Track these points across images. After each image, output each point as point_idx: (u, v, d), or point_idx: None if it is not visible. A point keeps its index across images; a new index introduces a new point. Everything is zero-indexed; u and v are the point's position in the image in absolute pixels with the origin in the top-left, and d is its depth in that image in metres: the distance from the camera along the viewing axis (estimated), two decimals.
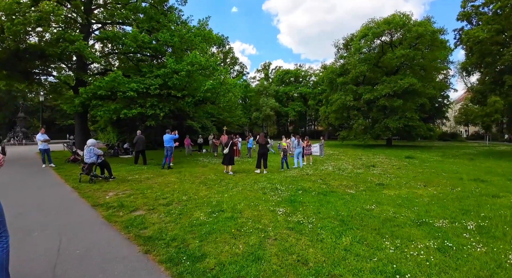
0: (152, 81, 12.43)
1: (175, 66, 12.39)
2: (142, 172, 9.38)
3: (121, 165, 11.69)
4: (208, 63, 13.31)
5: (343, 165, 12.37)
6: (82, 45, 11.89)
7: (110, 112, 12.07)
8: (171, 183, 7.29)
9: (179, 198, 5.51)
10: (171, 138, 10.75)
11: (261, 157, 9.63)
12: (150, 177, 8.29)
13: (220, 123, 29.66)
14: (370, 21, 30.97)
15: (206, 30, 16.88)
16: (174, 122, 25.23)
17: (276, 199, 5.48)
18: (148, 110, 12.51)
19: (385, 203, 5.69)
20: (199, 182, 7.43)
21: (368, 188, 7.27)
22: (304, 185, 7.30)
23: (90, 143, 7.64)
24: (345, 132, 29.47)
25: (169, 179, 7.90)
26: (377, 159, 15.39)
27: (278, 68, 61.40)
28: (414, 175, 9.67)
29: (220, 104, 14.15)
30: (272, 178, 8.29)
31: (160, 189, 6.50)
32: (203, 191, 6.29)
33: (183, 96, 13.22)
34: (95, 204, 5.28)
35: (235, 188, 6.61)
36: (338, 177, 9.01)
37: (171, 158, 10.88)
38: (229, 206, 4.87)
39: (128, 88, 11.88)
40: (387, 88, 25.43)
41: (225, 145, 9.53)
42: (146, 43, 13.67)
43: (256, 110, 50.61)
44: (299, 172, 10.03)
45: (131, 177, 8.31)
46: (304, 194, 6.10)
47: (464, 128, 64.79)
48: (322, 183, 7.78)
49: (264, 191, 6.28)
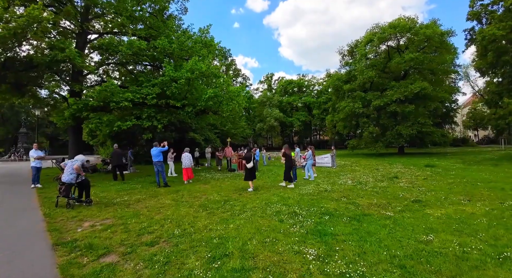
0: (149, 91, 11.38)
1: (173, 74, 11.36)
2: (133, 192, 8.09)
3: (114, 183, 10.46)
4: (210, 70, 12.27)
5: (362, 177, 11.05)
6: (72, 53, 10.96)
7: (102, 125, 10.96)
8: (165, 207, 5.96)
9: (169, 231, 4.18)
10: (159, 151, 9.45)
11: (289, 170, 9.12)
12: (141, 199, 6.99)
13: (224, 135, 28.47)
14: (375, 27, 30.27)
15: (207, 38, 16.04)
16: (176, 135, 24.12)
17: (299, 231, 4.11)
18: (145, 122, 11.37)
19: (439, 229, 4.47)
20: (199, 205, 6.09)
21: (406, 207, 5.96)
22: (327, 205, 5.94)
23: (77, 158, 6.43)
24: (355, 141, 28.03)
25: (163, 201, 6.58)
26: (396, 169, 14.12)
27: (281, 78, 60.71)
28: (447, 186, 8.55)
29: (223, 114, 12.98)
30: (286, 197, 6.93)
31: (149, 217, 5.17)
32: (203, 219, 4.96)
33: (183, 106, 12.10)
34: (58, 241, 3.99)
35: (242, 213, 5.25)
36: (363, 193, 7.65)
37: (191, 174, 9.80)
38: (236, 245, 3.53)
39: (122, 98, 10.82)
40: (397, 93, 24.21)
41: (246, 158, 8.57)
42: (143, 51, 12.75)
43: (260, 121, 49.53)
44: (315, 187, 8.67)
45: (119, 199, 7.01)
46: (333, 220, 4.73)
47: (473, 133, 62.81)
48: (348, 202, 6.41)
49: (281, 217, 4.91)
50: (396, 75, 28.50)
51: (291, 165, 9.39)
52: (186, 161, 10.19)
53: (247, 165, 8.47)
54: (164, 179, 9.36)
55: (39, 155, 9.70)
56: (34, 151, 9.73)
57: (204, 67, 11.81)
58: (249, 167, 8.41)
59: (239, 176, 12.16)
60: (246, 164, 8.52)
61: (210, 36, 16.39)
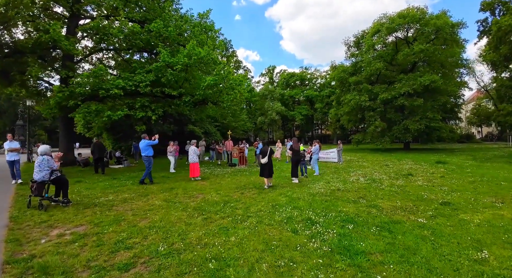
0: (143, 78, 10.35)
1: (169, 59, 10.31)
2: (121, 190, 7.16)
3: (102, 178, 9.55)
4: (209, 56, 11.21)
5: (374, 174, 10.21)
6: (57, 34, 9.90)
7: (91, 114, 9.98)
8: (153, 210, 5.03)
9: (153, 247, 3.25)
10: (148, 145, 8.29)
11: (296, 165, 8.56)
12: (128, 199, 6.06)
13: (224, 128, 27.49)
14: (382, 17, 28.96)
15: (207, 23, 14.90)
16: (174, 127, 23.15)
17: (321, 247, 3.18)
18: (138, 112, 10.38)
19: (488, 241, 3.66)
20: (194, 208, 5.15)
21: (437, 212, 5.14)
22: (345, 209, 5.02)
23: (41, 150, 5.47)
24: (360, 136, 27.05)
25: (153, 202, 5.65)
26: (407, 165, 13.30)
27: (283, 71, 59.34)
28: (470, 186, 7.76)
29: (223, 105, 11.97)
30: (295, 198, 6.00)
31: (132, 223, 4.23)
32: (197, 227, 4.03)
33: (180, 96, 11.08)
34: (11, 258, 3.09)
35: (246, 220, 4.32)
36: (381, 193, 6.76)
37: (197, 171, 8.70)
38: (240, 273, 2.60)
39: (113, 85, 9.81)
40: (405, 86, 23.11)
41: (262, 153, 7.71)
42: (137, 34, 11.67)
43: (262, 115, 48.46)
44: (325, 186, 7.76)
45: (103, 198, 6.09)
46: (358, 231, 3.82)
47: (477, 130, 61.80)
48: (368, 204, 5.50)
49: (293, 225, 3.98)
50: (403, 67, 27.36)
51: (299, 160, 8.60)
52: (192, 155, 9.15)
53: (262, 160, 7.63)
54: (149, 175, 8.26)
55: (12, 147, 8.51)
56: (8, 142, 8.56)
57: (203, 53, 10.76)
58: (263, 162, 7.55)
59: (240, 171, 11.26)
60: (261, 158, 7.67)
61: (210, 21, 15.27)
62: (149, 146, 8.28)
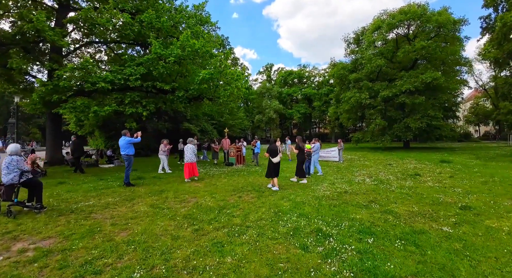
0: (132, 71, 9.61)
1: (161, 51, 9.59)
2: (106, 193, 6.47)
3: (89, 179, 8.83)
4: (204, 48, 10.51)
5: (379, 174, 9.67)
6: (41, 24, 9.13)
7: (76, 110, 9.24)
8: (136, 219, 4.34)
9: (127, 272, 2.58)
10: (128, 142, 7.44)
11: (302, 164, 8.07)
12: (111, 204, 5.36)
13: (221, 126, 26.78)
14: (383, 13, 28.47)
15: (202, 16, 14.16)
16: (169, 125, 22.39)
17: (341, 272, 2.52)
18: (127, 108, 9.65)
19: None
20: (184, 215, 4.48)
21: (460, 218, 4.63)
22: (358, 216, 4.41)
23: (10, 150, 4.76)
24: (360, 134, 26.54)
25: (138, 208, 4.97)
26: (411, 165, 12.82)
27: (281, 69, 58.59)
28: (484, 187, 7.26)
29: (220, 100, 11.27)
30: (299, 202, 5.37)
31: (108, 236, 3.54)
32: (185, 243, 3.32)
33: (173, 90, 10.36)
34: None
35: (245, 232, 3.65)
36: (393, 195, 6.17)
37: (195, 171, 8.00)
38: None
39: (100, 78, 9.08)
40: (407, 83, 22.58)
41: (271, 152, 7.01)
42: (127, 25, 10.92)
43: (259, 113, 47.76)
44: (330, 187, 7.15)
45: (82, 203, 5.40)
46: (380, 245, 3.20)
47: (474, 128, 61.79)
48: (382, 210, 4.90)
49: (302, 239, 3.33)
50: (404, 65, 26.84)
51: (304, 159, 8.05)
52: (189, 154, 8.38)
53: (273, 160, 6.93)
54: (127, 177, 7.51)
55: None
56: None
57: (197, 45, 10.05)
58: (275, 161, 6.90)
59: (238, 171, 10.61)
60: (271, 158, 6.96)
61: (206, 13, 14.53)
62: (130, 143, 7.48)
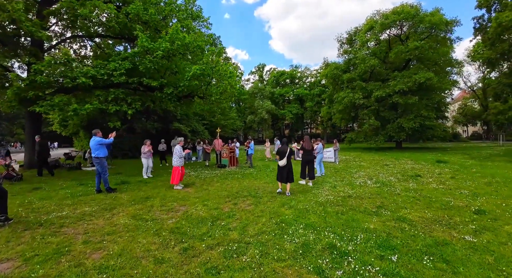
0: (117, 65, 8.85)
1: (148, 44, 8.87)
2: (84, 200, 5.72)
3: (68, 183, 8.02)
4: (195, 43, 9.84)
5: (378, 176, 9.28)
6: (18, 13, 8.28)
7: (53, 108, 8.41)
8: (114, 235, 3.65)
9: None
10: (98, 143, 6.55)
11: (306, 165, 7.60)
12: (87, 214, 4.65)
13: (213, 126, 26.03)
14: (375, 14, 28.51)
15: (193, 10, 13.48)
16: (158, 125, 21.50)
17: None
18: (110, 106, 8.88)
19: None
20: (171, 229, 3.81)
21: (478, 225, 4.29)
22: (371, 226, 3.88)
23: None
24: (353, 134, 26.36)
25: (118, 220, 4.28)
26: (408, 165, 12.59)
27: (273, 69, 58.20)
28: (490, 189, 6.98)
29: (211, 98, 10.60)
30: (302, 210, 4.81)
31: (77, 259, 2.80)
32: (171, 269, 2.67)
33: (161, 87, 9.65)
34: None
35: (245, 252, 3.00)
36: (400, 199, 5.73)
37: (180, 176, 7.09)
38: None
39: (80, 73, 8.30)
40: (400, 83, 22.50)
41: (280, 153, 6.43)
42: (112, 18, 10.15)
43: (251, 113, 47.21)
44: (332, 191, 6.65)
45: (55, 214, 4.66)
46: (405, 262, 2.67)
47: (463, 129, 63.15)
48: (393, 216, 4.41)
49: (315, 260, 2.73)
50: (396, 65, 26.86)
51: (310, 160, 7.55)
52: (179, 157, 7.37)
53: (279, 162, 6.37)
54: (106, 181, 6.67)
55: None
56: None
57: (188, 38, 9.38)
58: (281, 165, 6.32)
59: (231, 174, 9.97)
60: (279, 160, 6.39)
61: (197, 8, 13.86)
62: (101, 144, 6.62)
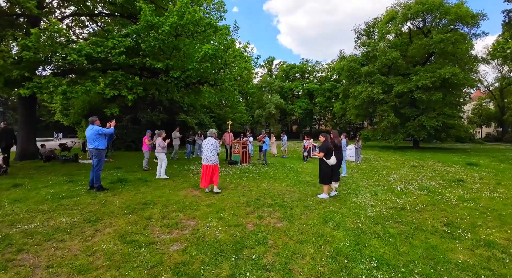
0: (116, 42, 7.56)
1: (152, 19, 7.55)
2: (65, 205, 4.48)
3: (56, 180, 6.85)
4: (207, 19, 8.48)
5: (418, 180, 7.90)
6: None
7: (41, 90, 7.18)
8: (87, 274, 2.38)
9: None
10: (97, 133, 5.49)
11: (338, 166, 6.00)
12: (61, 228, 3.36)
13: (221, 119, 24.73)
14: (396, 4, 26.67)
15: None
16: (164, 116, 20.26)
17: None
18: (107, 90, 7.62)
19: None
20: (174, 267, 2.49)
21: None
22: (461, 258, 2.55)
23: None
24: (369, 132, 24.78)
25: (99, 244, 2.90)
26: (438, 167, 11.06)
27: (283, 63, 56.35)
28: None
29: (223, 85, 9.23)
30: (355, 230, 3.48)
31: None
32: None
33: (167, 70, 8.35)
34: None
35: None
36: (464, 212, 4.46)
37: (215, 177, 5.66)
38: None
39: (72, 50, 7.03)
40: (423, 78, 20.75)
41: (324, 150, 5.21)
42: None
43: (259, 108, 45.73)
44: (374, 198, 5.31)
45: (19, 226, 3.43)
46: None
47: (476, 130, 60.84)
48: (478, 240, 3.08)
49: None
50: (416, 60, 25.05)
51: (339, 159, 5.93)
52: (208, 153, 5.72)
53: (328, 161, 5.18)
54: (98, 178, 5.58)
55: None
56: None
57: (198, 14, 8.02)
58: (331, 164, 5.18)
59: (245, 172, 8.64)
60: (326, 159, 5.20)
61: None
62: (100, 134, 5.51)
